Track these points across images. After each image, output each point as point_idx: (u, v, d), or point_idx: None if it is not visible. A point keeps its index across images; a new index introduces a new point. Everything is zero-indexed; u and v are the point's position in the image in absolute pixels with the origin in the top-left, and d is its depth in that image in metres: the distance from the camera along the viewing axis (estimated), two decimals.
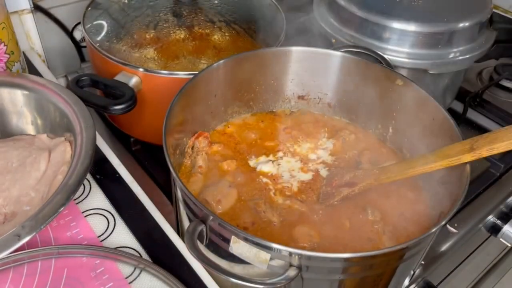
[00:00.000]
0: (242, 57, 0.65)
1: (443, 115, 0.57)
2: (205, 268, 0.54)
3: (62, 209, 0.49)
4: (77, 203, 0.60)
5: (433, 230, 0.46)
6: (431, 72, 0.77)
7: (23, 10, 0.85)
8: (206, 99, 0.65)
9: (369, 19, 0.77)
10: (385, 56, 0.72)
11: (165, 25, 0.81)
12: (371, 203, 0.59)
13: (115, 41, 0.77)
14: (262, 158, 0.65)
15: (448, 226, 0.71)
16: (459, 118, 0.91)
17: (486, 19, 0.79)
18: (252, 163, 0.64)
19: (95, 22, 0.79)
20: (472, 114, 0.93)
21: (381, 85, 0.64)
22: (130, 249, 0.55)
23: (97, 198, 0.61)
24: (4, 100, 0.65)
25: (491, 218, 0.77)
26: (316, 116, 0.73)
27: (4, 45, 0.72)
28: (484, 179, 0.79)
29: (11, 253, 0.47)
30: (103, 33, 0.78)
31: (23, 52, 0.84)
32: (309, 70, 0.69)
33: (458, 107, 0.94)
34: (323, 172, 0.64)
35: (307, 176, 0.63)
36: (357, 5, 0.79)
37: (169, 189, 0.75)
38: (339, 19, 0.83)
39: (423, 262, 0.67)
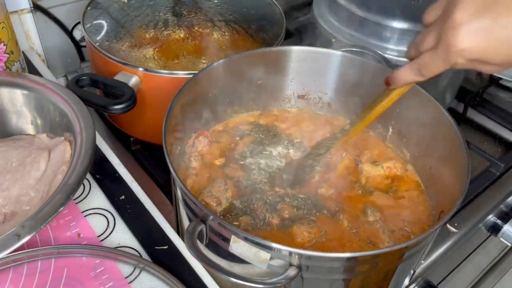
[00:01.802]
0: (242, 57, 0.65)
1: (443, 114, 0.57)
2: (205, 267, 0.54)
3: (61, 208, 0.49)
4: (76, 203, 0.60)
5: (433, 230, 0.46)
6: None
7: (22, 9, 0.85)
8: (206, 99, 0.65)
9: (369, 19, 0.77)
10: (385, 56, 0.72)
11: (165, 25, 0.81)
12: (371, 203, 0.59)
13: (114, 40, 0.77)
14: (262, 158, 0.65)
15: (448, 225, 0.71)
16: (459, 118, 0.91)
17: None
18: (251, 162, 0.64)
19: (94, 22, 0.79)
20: (472, 114, 0.93)
21: (381, 85, 0.64)
22: (130, 249, 0.55)
23: (97, 198, 0.61)
24: (4, 100, 0.65)
25: (491, 217, 0.76)
26: (316, 115, 0.73)
27: (4, 45, 0.72)
28: (484, 179, 0.79)
29: (10, 253, 0.47)
30: (102, 33, 0.78)
31: (23, 52, 0.84)
32: (309, 69, 0.69)
33: (458, 106, 0.94)
34: None
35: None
36: (357, 5, 0.79)
37: (169, 189, 0.74)
38: (339, 19, 0.83)
39: (423, 262, 0.67)
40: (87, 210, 0.59)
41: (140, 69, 0.69)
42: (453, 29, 0.40)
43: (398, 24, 0.76)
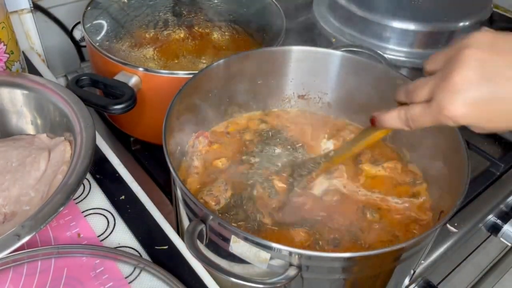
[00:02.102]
0: (242, 57, 0.65)
1: None
2: (205, 267, 0.54)
3: (61, 208, 0.49)
4: (76, 203, 0.60)
5: (433, 230, 0.46)
6: None
7: (22, 9, 0.85)
8: (206, 99, 0.65)
9: (369, 19, 0.77)
10: (385, 56, 0.72)
11: (165, 25, 0.81)
12: (369, 203, 0.59)
13: (114, 40, 0.77)
14: (262, 157, 0.65)
15: (448, 225, 0.71)
16: None
17: (486, 18, 0.79)
18: (252, 161, 0.64)
19: (94, 22, 0.79)
20: None
21: (381, 85, 0.64)
22: (130, 249, 0.55)
23: (97, 198, 0.61)
24: (4, 100, 0.65)
25: (491, 217, 0.76)
26: (316, 116, 0.73)
27: (4, 45, 0.72)
28: (484, 179, 0.79)
29: (10, 253, 0.46)
30: (102, 33, 0.78)
31: (23, 52, 0.84)
32: (309, 69, 0.69)
33: None
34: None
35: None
36: (357, 5, 0.79)
37: (169, 189, 0.74)
38: (339, 19, 0.83)
39: (423, 262, 0.67)
40: (87, 210, 0.59)
41: (140, 69, 0.69)
42: (449, 93, 0.39)
43: (398, 24, 0.76)
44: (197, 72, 0.61)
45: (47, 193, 0.56)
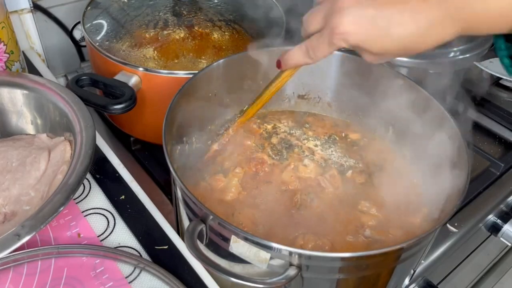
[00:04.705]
0: (242, 57, 0.65)
1: (444, 114, 0.57)
2: (205, 267, 0.54)
3: (62, 208, 0.49)
4: (77, 203, 0.60)
5: (433, 230, 0.46)
6: (431, 72, 0.77)
7: (22, 9, 0.85)
8: (206, 98, 0.65)
9: None
10: None
11: (165, 25, 0.81)
12: (369, 204, 0.59)
13: (114, 40, 0.77)
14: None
15: (448, 225, 0.71)
16: (459, 118, 0.91)
17: None
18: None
19: (94, 22, 0.79)
20: (473, 114, 0.93)
21: (381, 85, 0.64)
22: (130, 249, 0.55)
23: (97, 198, 0.61)
24: (4, 100, 0.65)
25: (491, 217, 0.77)
26: (316, 116, 0.73)
27: (4, 45, 0.72)
28: (484, 178, 0.79)
29: (11, 252, 0.47)
30: (102, 33, 0.78)
31: (23, 52, 0.84)
32: (309, 69, 0.68)
33: (458, 106, 0.93)
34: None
35: (307, 176, 0.63)
36: None
37: (169, 189, 0.75)
38: None
39: (423, 262, 0.67)
40: (87, 210, 0.59)
41: (140, 69, 0.69)
42: (338, 14, 0.41)
43: None
44: (197, 72, 0.61)
45: (47, 193, 0.56)
